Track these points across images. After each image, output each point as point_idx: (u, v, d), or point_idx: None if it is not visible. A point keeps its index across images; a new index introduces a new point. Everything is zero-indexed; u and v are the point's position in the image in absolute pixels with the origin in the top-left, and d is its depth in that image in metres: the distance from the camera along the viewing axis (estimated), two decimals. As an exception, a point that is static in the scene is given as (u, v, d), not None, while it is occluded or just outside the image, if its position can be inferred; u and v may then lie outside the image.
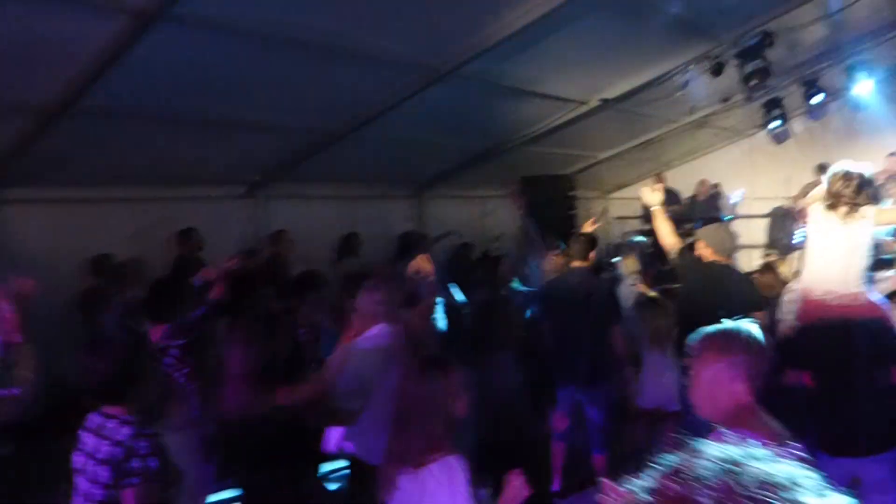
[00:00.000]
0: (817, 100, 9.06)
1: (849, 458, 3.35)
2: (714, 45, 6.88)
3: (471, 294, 6.16)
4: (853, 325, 3.68)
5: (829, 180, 3.97)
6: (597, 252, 5.42)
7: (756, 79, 7.02)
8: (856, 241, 3.86)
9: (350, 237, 7.63)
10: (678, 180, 11.57)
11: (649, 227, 9.80)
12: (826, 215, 3.95)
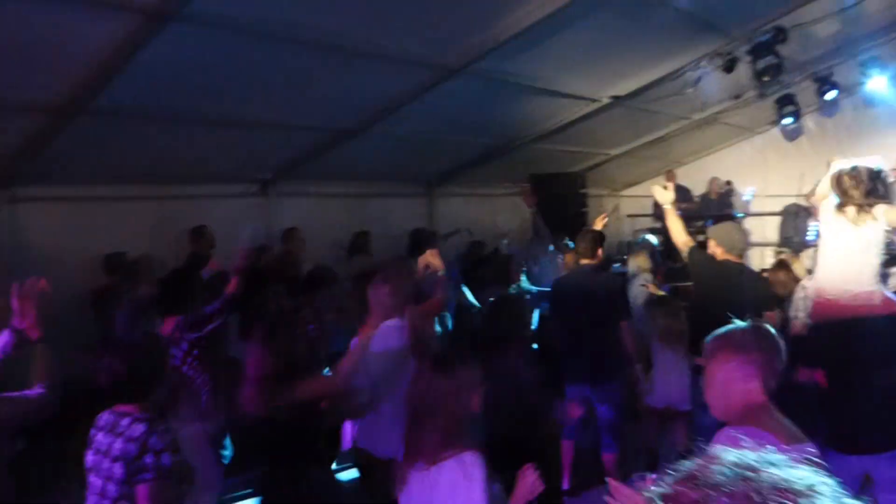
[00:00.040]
0: (830, 96, 8.99)
1: (861, 455, 3.34)
2: (726, 42, 6.83)
3: (481, 292, 6.16)
4: (868, 322, 3.66)
5: (837, 179, 3.93)
6: (606, 249, 5.40)
7: (768, 75, 6.98)
8: (868, 240, 3.82)
9: (361, 235, 7.63)
10: (689, 177, 11.52)
11: (660, 224, 9.80)
12: (836, 215, 3.91)
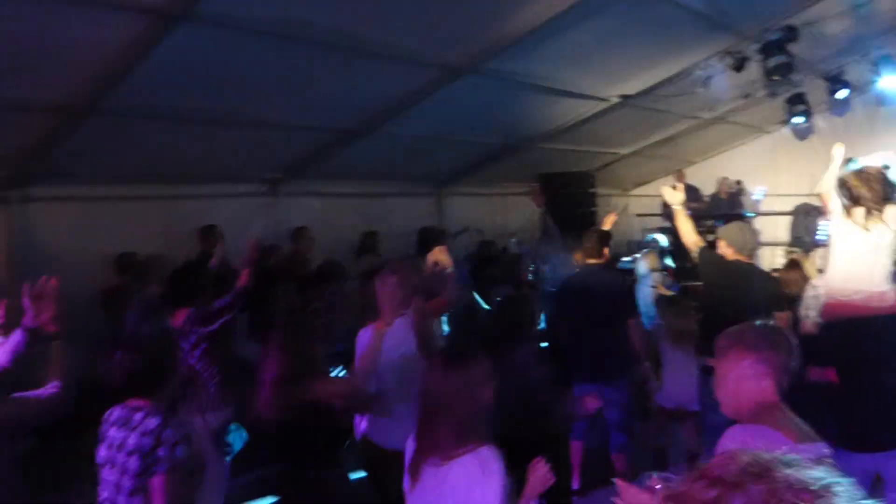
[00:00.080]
0: (842, 95, 8.91)
1: (871, 453, 3.33)
2: (736, 40, 6.79)
3: (490, 291, 6.16)
4: (880, 321, 3.65)
5: (844, 182, 3.91)
6: (614, 249, 5.39)
7: (779, 74, 6.93)
8: (877, 242, 3.81)
9: (369, 235, 7.65)
10: (699, 177, 11.48)
11: (669, 223, 9.77)
12: (847, 215, 3.90)
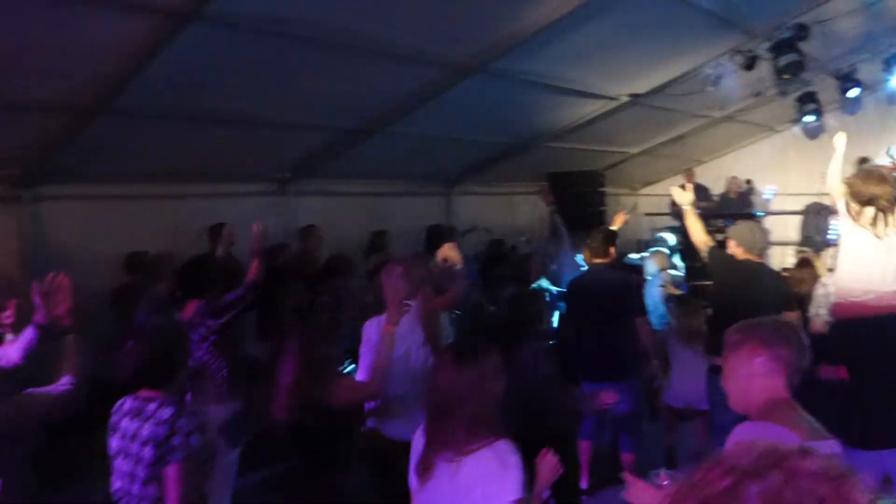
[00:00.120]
0: (853, 93, 8.86)
1: (881, 451, 3.31)
2: (747, 39, 6.77)
3: (499, 290, 6.16)
4: (891, 320, 3.64)
5: (856, 181, 3.89)
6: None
7: (790, 72, 6.89)
8: (888, 242, 3.80)
9: (379, 234, 7.64)
10: (708, 176, 11.43)
11: (678, 223, 9.73)
12: (856, 216, 3.88)
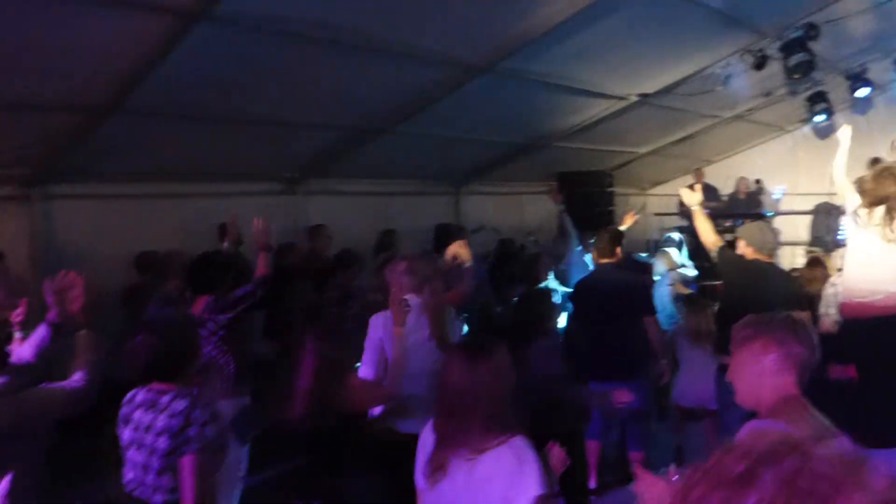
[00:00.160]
0: (863, 93, 8.82)
1: (892, 449, 3.30)
2: (757, 38, 6.74)
3: (508, 290, 6.16)
4: None
5: (871, 177, 3.87)
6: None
7: (800, 72, 6.86)
8: None
9: (387, 233, 7.64)
10: (717, 176, 11.40)
11: (686, 222, 9.70)
12: (865, 213, 3.87)
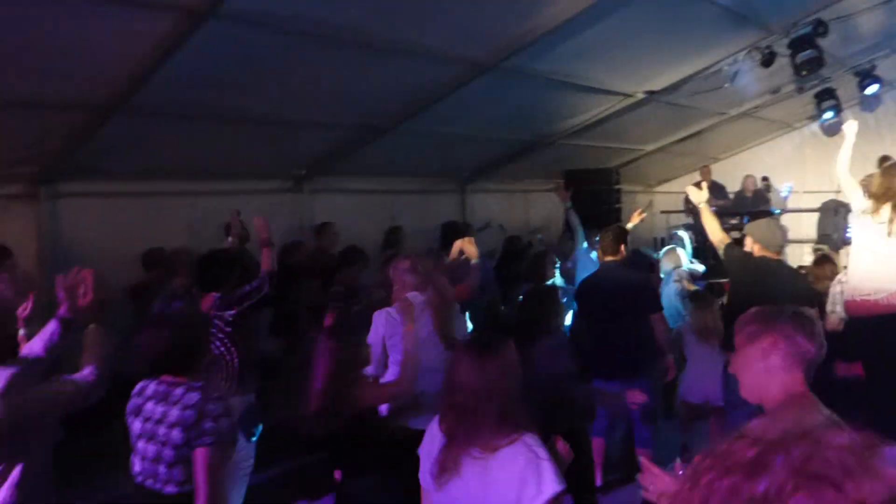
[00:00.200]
0: (872, 90, 8.78)
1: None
2: (764, 35, 6.70)
3: (514, 287, 6.15)
4: None
5: (880, 173, 3.86)
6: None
7: (808, 69, 6.82)
8: None
9: (394, 230, 7.66)
10: (725, 173, 11.35)
11: (692, 220, 9.67)
12: (871, 210, 3.85)
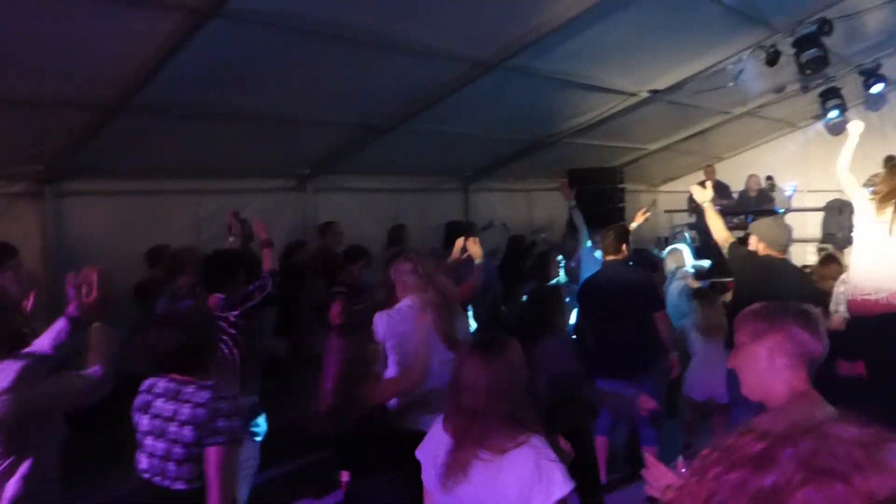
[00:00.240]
0: (877, 89, 8.77)
1: None
2: (769, 34, 6.69)
3: (519, 287, 6.15)
4: None
5: (886, 174, 3.86)
6: (630, 244, 5.37)
7: (812, 68, 6.81)
8: None
9: (397, 228, 7.66)
10: (729, 173, 11.34)
11: (695, 219, 9.67)
12: (874, 210, 3.85)
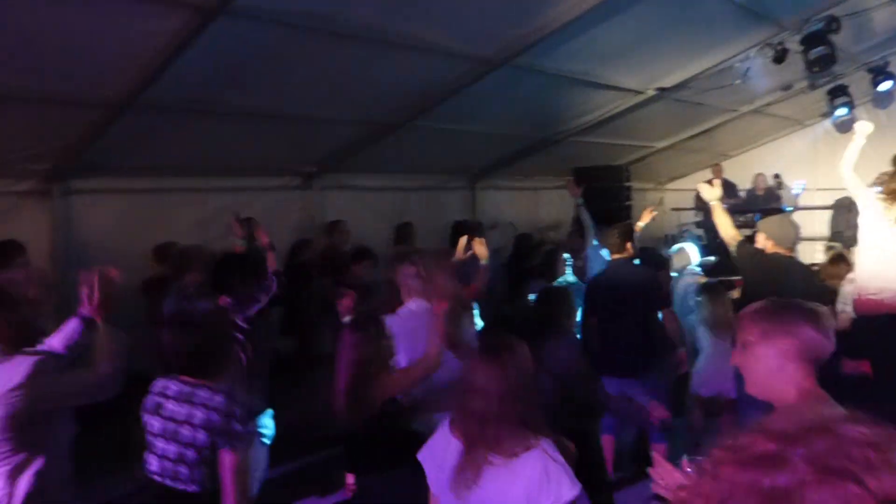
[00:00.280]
0: (885, 87, 8.72)
1: None
2: (777, 31, 6.67)
3: (526, 285, 6.15)
4: None
5: (888, 175, 3.85)
6: (635, 242, 5.37)
7: (820, 66, 6.78)
8: None
9: (404, 226, 7.67)
10: (736, 171, 11.32)
11: (702, 217, 9.64)
12: (882, 208, 3.84)
